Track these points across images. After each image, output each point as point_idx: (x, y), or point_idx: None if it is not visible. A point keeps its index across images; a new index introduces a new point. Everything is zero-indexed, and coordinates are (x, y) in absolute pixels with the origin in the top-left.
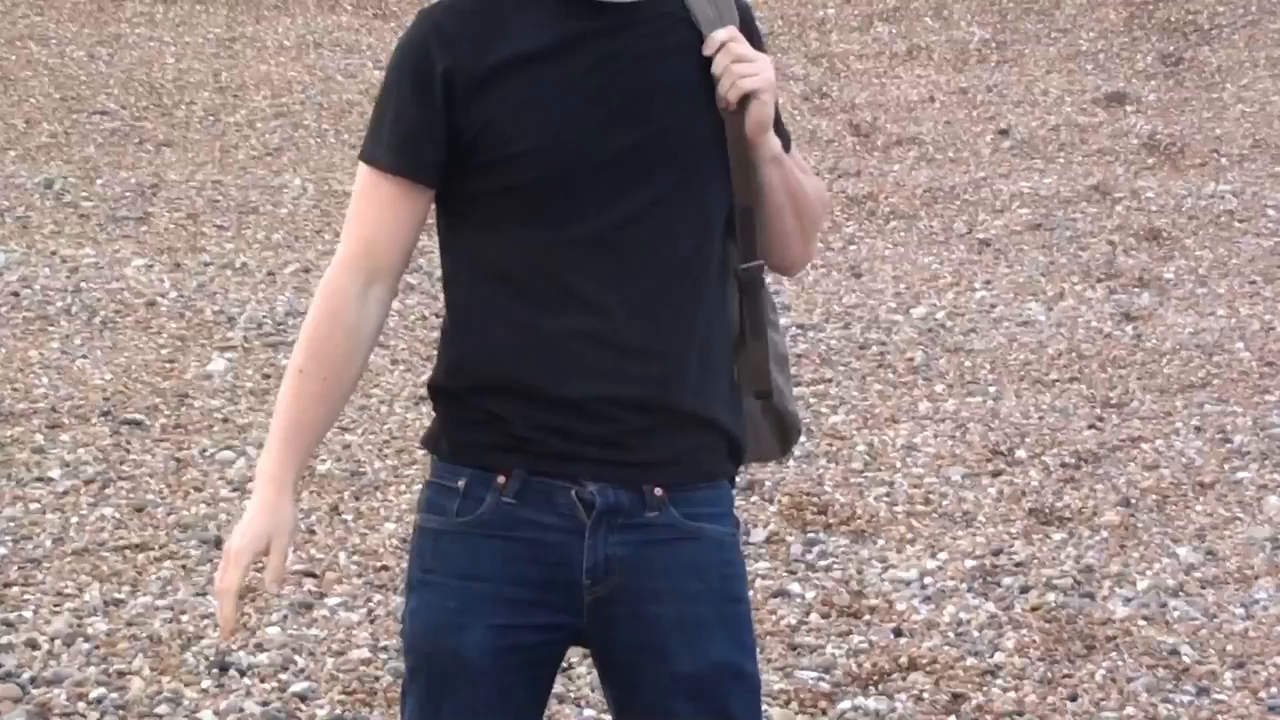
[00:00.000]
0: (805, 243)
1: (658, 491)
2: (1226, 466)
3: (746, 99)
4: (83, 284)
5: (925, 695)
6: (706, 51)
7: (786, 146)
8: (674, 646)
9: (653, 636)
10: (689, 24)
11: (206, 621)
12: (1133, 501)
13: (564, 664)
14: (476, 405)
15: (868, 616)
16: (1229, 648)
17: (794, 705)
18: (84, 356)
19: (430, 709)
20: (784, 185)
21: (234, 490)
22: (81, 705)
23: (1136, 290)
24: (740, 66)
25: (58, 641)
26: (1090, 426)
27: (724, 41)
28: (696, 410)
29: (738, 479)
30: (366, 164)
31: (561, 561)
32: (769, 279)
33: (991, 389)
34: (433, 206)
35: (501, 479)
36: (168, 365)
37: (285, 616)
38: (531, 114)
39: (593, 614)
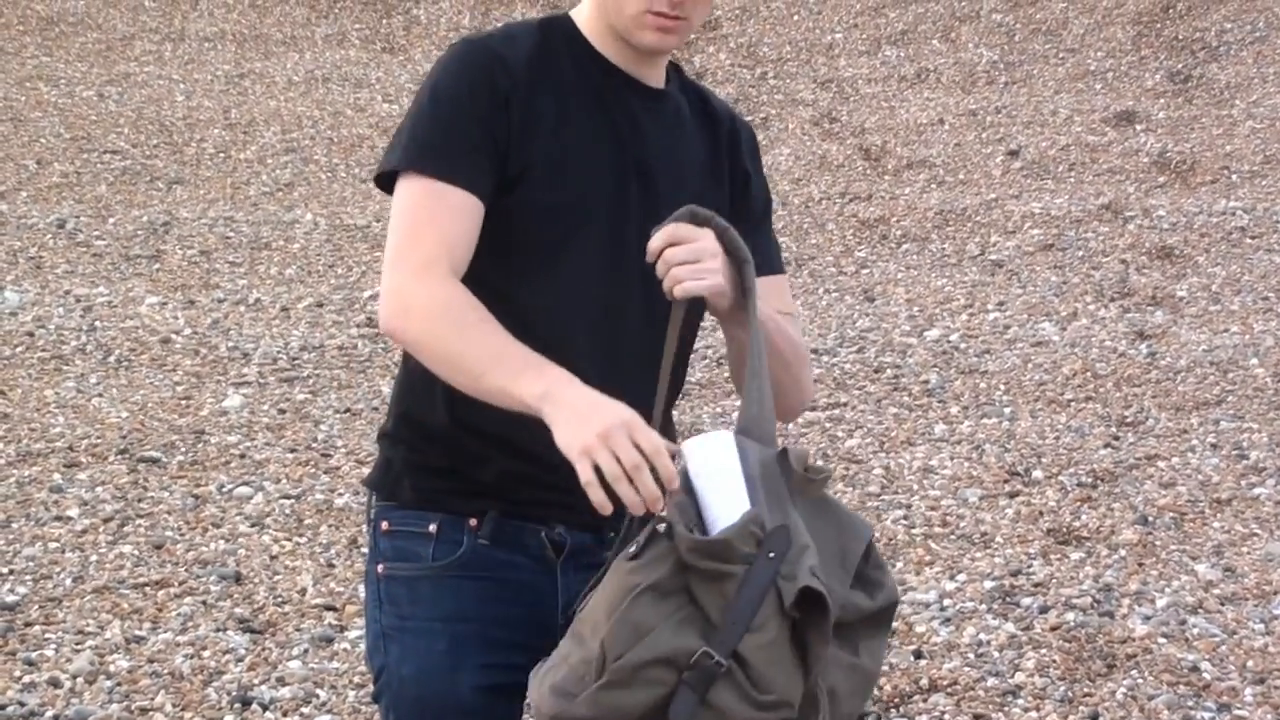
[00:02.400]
0: (799, 388)
1: (611, 534)
2: (1243, 483)
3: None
4: (97, 323)
5: (947, 717)
6: (648, 259)
7: (779, 267)
8: None
9: None
10: (705, 114)
11: (227, 656)
12: (1150, 519)
13: None
14: (442, 452)
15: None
16: (1249, 664)
17: None
18: (100, 395)
19: None
20: (774, 344)
21: (252, 525)
22: None
23: (1150, 308)
24: (680, 270)
25: (80, 679)
26: (1106, 445)
27: (660, 250)
28: None
29: None
30: (430, 177)
31: (537, 600)
32: None
33: (1007, 410)
34: None
35: (473, 521)
36: (183, 402)
37: (306, 650)
38: (564, 173)
39: None
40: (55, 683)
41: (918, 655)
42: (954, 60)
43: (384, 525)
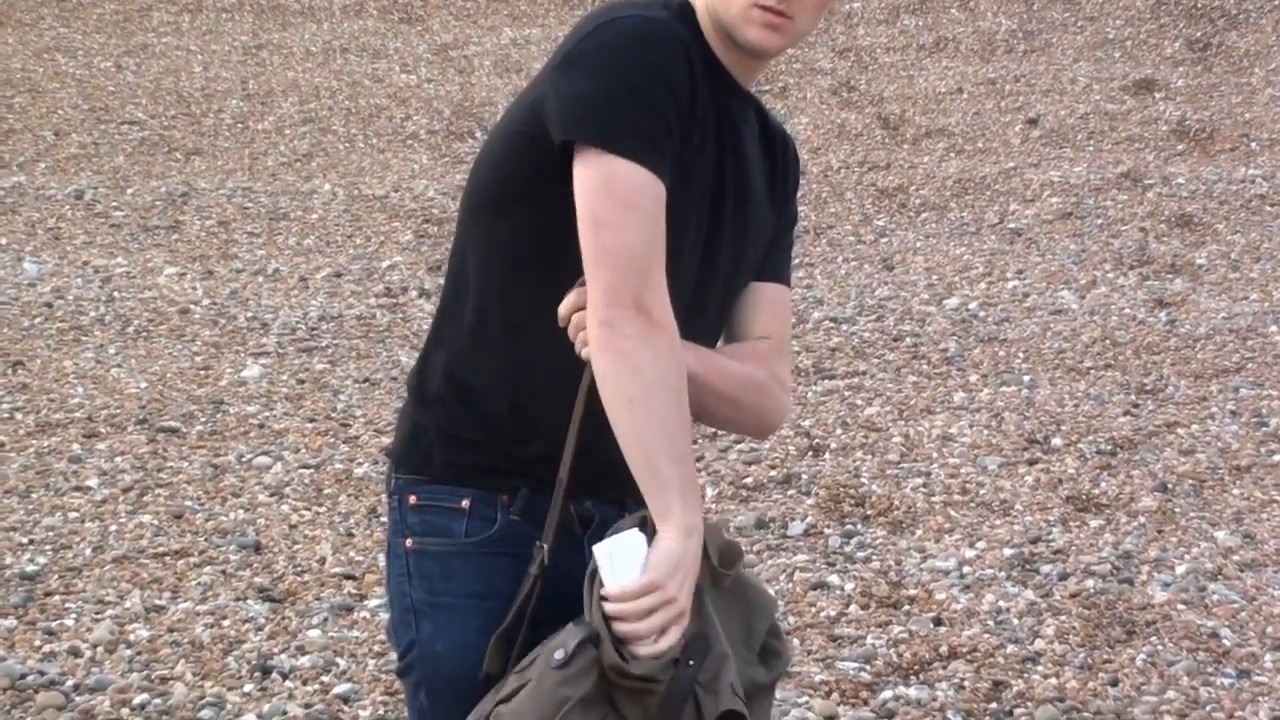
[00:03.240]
0: (759, 420)
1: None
2: (1263, 449)
3: None
4: (115, 293)
5: (966, 683)
6: (560, 323)
7: (787, 279)
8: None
9: None
10: (764, 129)
11: (247, 625)
12: (1170, 486)
13: None
14: (484, 424)
15: (907, 607)
16: (1269, 630)
17: (835, 696)
18: (119, 366)
19: None
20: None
21: (271, 495)
22: (125, 712)
23: (1169, 276)
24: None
25: (100, 649)
26: (1126, 413)
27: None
28: None
29: (774, 472)
30: (657, 177)
31: (565, 575)
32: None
33: (1026, 378)
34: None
35: (505, 498)
36: (202, 372)
37: (326, 619)
38: (685, 187)
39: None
40: (75, 652)
41: (937, 622)
42: (973, 29)
43: (412, 499)
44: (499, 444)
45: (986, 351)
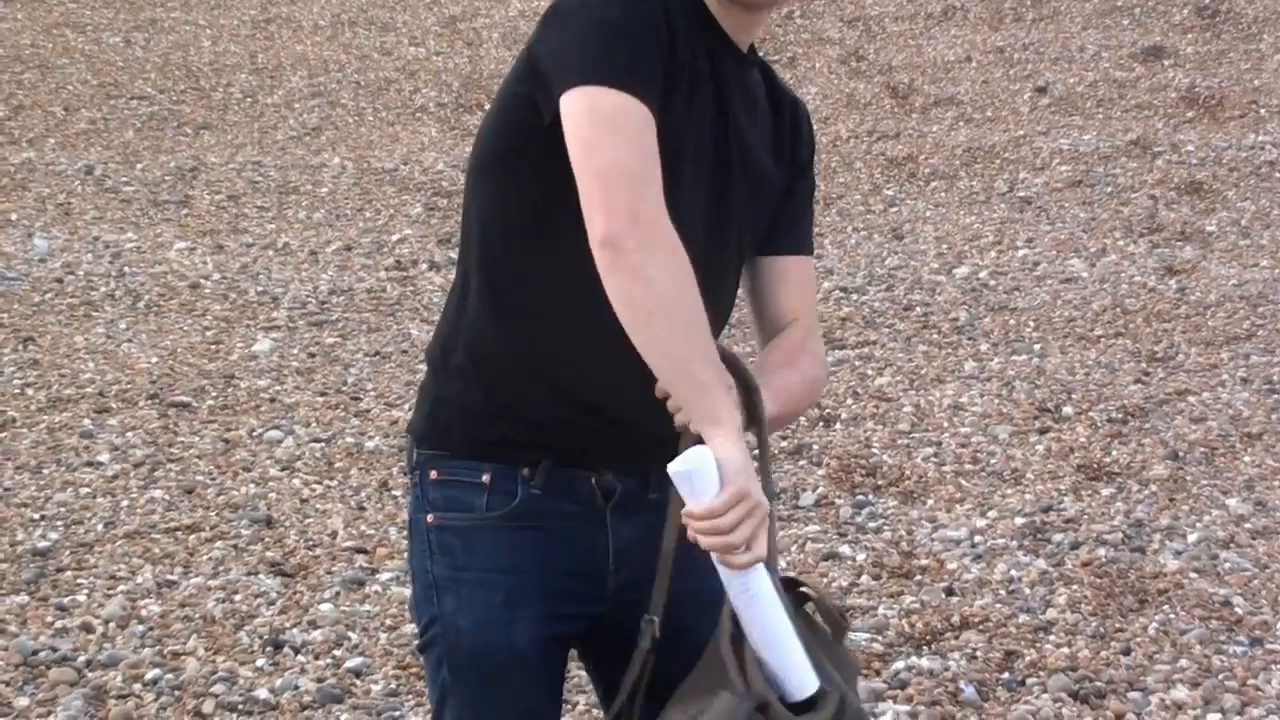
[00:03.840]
0: (811, 404)
1: (657, 477)
2: (1274, 417)
3: None
4: (126, 268)
5: (979, 653)
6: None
7: (810, 248)
8: (693, 621)
9: (675, 612)
10: (772, 91)
11: (259, 600)
12: (1181, 454)
13: None
14: (502, 392)
15: (919, 576)
16: None
17: None
18: (129, 340)
19: (480, 708)
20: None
21: (283, 469)
22: (137, 687)
23: (1179, 244)
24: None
25: (112, 624)
26: (1136, 381)
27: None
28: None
29: (785, 443)
30: (639, 99)
31: (589, 549)
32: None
33: (1036, 347)
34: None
35: (526, 470)
36: (213, 347)
37: (338, 593)
38: (680, 126)
39: (616, 599)
40: (87, 628)
41: (949, 592)
42: None
43: (433, 474)
44: (518, 415)
45: (997, 320)
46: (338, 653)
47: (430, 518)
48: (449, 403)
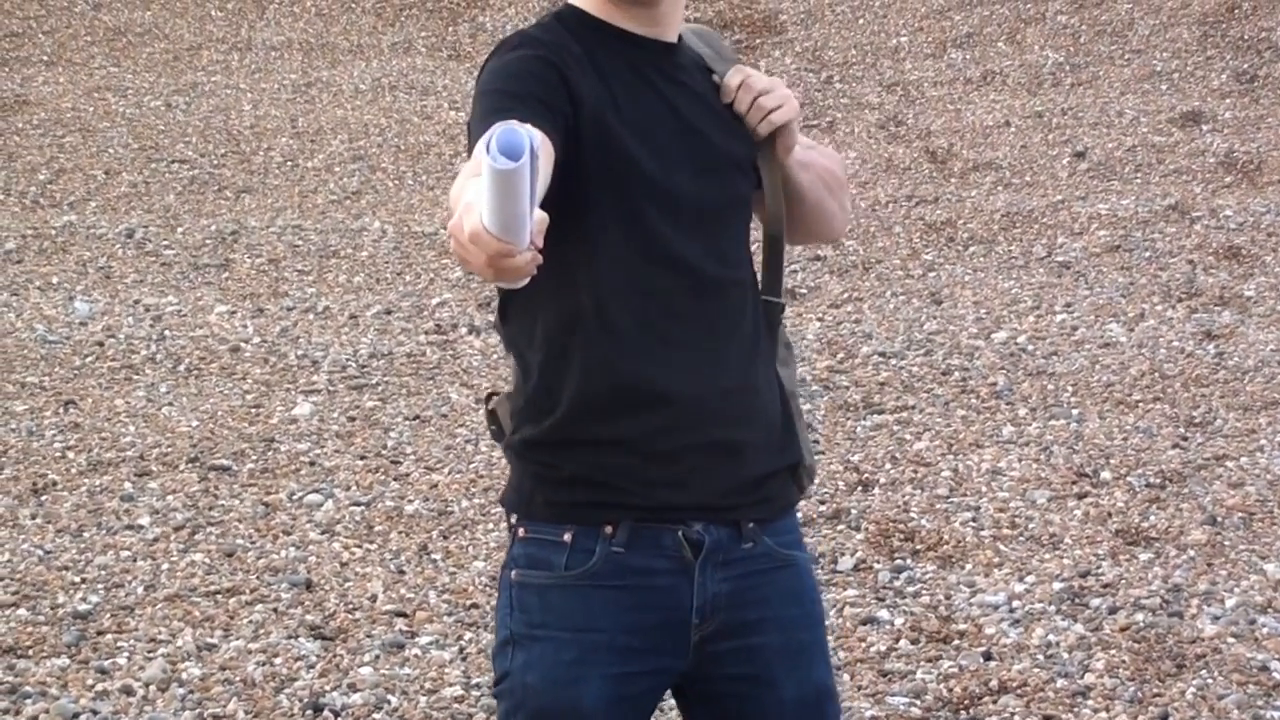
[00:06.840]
0: (843, 211)
1: (750, 524)
2: None
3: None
4: (166, 332)
5: (1016, 718)
6: (725, 98)
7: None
8: (780, 675)
9: (759, 666)
10: (704, 68)
11: (299, 663)
12: (1219, 519)
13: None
14: (568, 463)
15: (957, 641)
16: None
17: None
18: (170, 404)
19: None
20: (818, 179)
21: (323, 533)
22: None
23: (1217, 309)
24: (766, 100)
25: (152, 687)
26: (1174, 446)
27: (740, 83)
28: (772, 442)
29: (823, 508)
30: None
31: (673, 604)
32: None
33: (1075, 411)
34: None
35: (609, 529)
36: (253, 410)
37: (377, 656)
38: (623, 139)
39: (698, 652)
40: (128, 690)
41: (987, 657)
42: (1020, 62)
43: (521, 532)
44: (590, 476)
45: (1035, 385)
46: (377, 716)
47: (514, 574)
48: (527, 479)
